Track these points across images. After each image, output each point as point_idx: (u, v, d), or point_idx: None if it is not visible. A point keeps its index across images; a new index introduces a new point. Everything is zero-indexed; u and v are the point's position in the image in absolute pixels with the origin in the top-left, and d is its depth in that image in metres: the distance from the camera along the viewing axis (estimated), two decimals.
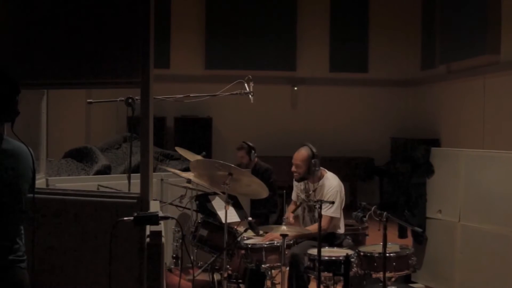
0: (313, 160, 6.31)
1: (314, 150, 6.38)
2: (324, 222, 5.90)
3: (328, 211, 6.12)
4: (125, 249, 4.02)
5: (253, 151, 8.97)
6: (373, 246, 5.96)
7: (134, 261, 4.02)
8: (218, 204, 6.69)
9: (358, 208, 5.50)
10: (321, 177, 6.41)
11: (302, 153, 6.39)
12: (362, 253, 5.69)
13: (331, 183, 6.35)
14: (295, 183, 6.65)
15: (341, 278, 5.62)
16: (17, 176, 3.22)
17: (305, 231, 6.07)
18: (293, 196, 6.72)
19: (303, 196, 6.49)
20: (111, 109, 13.36)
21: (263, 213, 8.58)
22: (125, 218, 3.59)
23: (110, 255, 3.70)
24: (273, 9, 15.34)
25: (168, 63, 15.02)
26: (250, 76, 6.19)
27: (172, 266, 7.35)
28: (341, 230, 6.44)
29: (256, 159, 9.09)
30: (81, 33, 4.32)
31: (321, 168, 6.43)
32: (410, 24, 15.27)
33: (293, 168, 6.43)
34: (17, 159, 3.23)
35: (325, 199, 6.06)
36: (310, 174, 6.35)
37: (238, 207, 6.76)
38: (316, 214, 5.67)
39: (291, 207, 6.65)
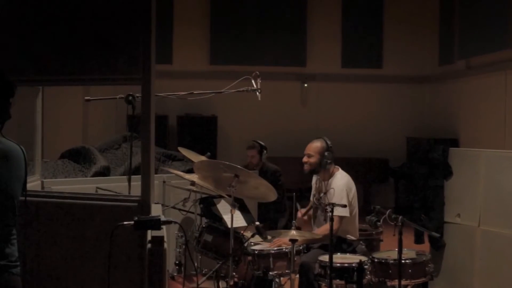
0: (326, 153, 6.30)
1: (329, 143, 6.38)
2: (334, 223, 5.88)
3: (335, 211, 6.08)
4: (125, 255, 4.02)
5: (264, 151, 8.94)
6: (388, 252, 5.94)
7: (134, 268, 4.02)
8: (223, 208, 6.69)
9: (372, 212, 5.49)
10: (331, 174, 6.39)
11: (316, 144, 6.40)
12: (376, 260, 5.68)
13: (337, 183, 6.33)
14: (313, 182, 6.63)
15: (354, 286, 5.61)
16: (9, 178, 3.23)
17: (315, 236, 6.06)
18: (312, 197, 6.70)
19: (316, 197, 6.47)
20: (110, 107, 13.38)
21: (271, 217, 8.58)
22: (125, 223, 3.59)
23: (109, 261, 3.70)
24: (282, 1, 15.35)
25: (170, 58, 15.03)
26: (258, 72, 6.19)
27: (175, 274, 7.37)
28: (353, 236, 6.41)
29: (263, 160, 9.08)
30: (78, 27, 4.33)
31: (334, 166, 6.43)
32: (427, 17, 15.23)
33: (304, 158, 6.41)
34: (9, 159, 3.24)
35: (332, 201, 6.06)
36: (321, 167, 6.33)
37: (244, 210, 6.76)
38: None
39: (305, 209, 6.64)
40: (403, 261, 5.38)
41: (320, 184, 6.44)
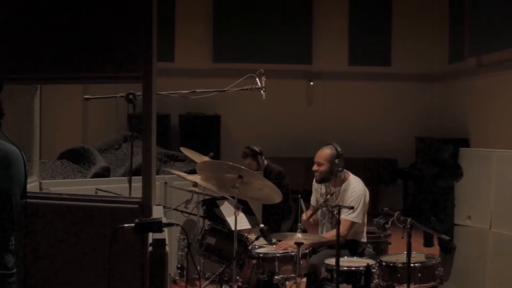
0: (337, 160, 6.29)
1: (339, 149, 6.37)
2: (343, 228, 5.89)
3: (349, 216, 6.10)
4: (126, 258, 4.02)
5: (259, 156, 8.89)
6: (396, 255, 5.94)
7: (135, 272, 4.01)
8: (227, 210, 6.69)
9: (380, 214, 5.49)
10: (344, 180, 6.38)
11: (326, 151, 6.39)
12: (384, 263, 5.68)
13: (355, 187, 6.33)
14: (314, 187, 6.64)
15: None
16: (7, 182, 3.21)
17: (321, 239, 6.06)
18: (312, 200, 6.70)
19: (322, 200, 6.47)
20: (110, 106, 13.36)
21: (276, 219, 8.57)
22: (125, 225, 3.59)
23: (109, 265, 3.70)
24: None
25: (172, 56, 15.03)
26: (262, 70, 6.19)
27: (177, 277, 7.36)
28: (364, 238, 6.42)
29: (266, 161, 9.05)
30: (77, 23, 4.32)
31: (344, 170, 6.41)
32: (437, 13, 15.22)
33: (315, 167, 6.41)
34: (7, 163, 3.22)
35: (347, 204, 6.05)
36: (332, 175, 6.32)
37: (248, 213, 6.76)
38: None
39: (309, 212, 6.64)
40: (412, 265, 5.38)
41: (329, 189, 6.43)
